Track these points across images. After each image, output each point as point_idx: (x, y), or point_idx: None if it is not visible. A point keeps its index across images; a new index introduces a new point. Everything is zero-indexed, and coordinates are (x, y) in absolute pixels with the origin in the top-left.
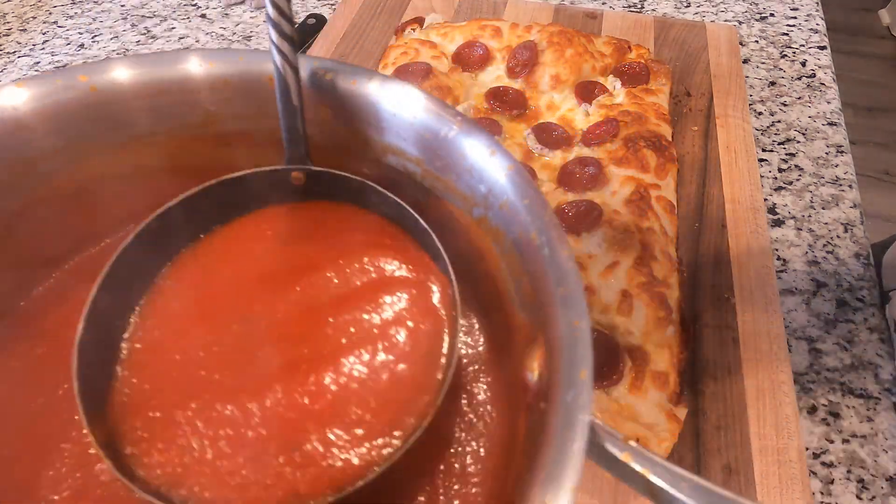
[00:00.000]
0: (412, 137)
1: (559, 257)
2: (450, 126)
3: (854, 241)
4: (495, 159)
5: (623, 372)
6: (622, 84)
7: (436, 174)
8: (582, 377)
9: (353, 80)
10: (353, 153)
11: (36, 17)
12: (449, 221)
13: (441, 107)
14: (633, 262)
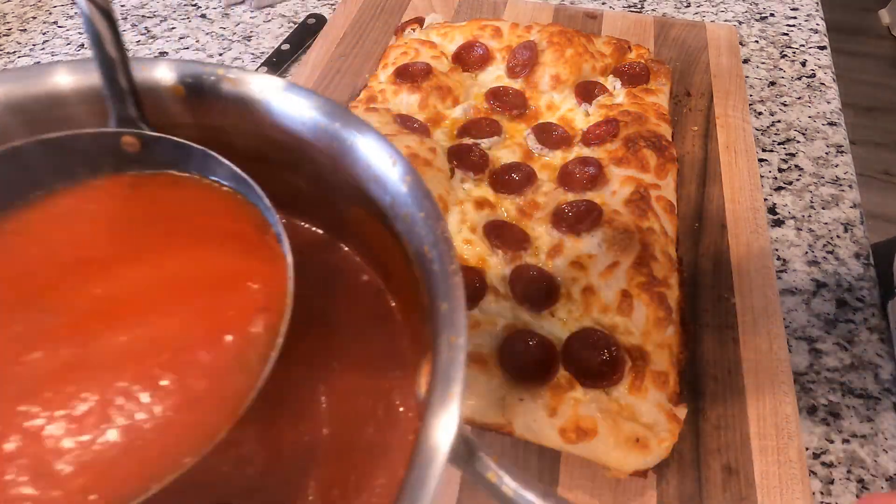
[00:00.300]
0: (320, 145)
1: (446, 272)
2: (350, 133)
3: (854, 241)
4: (397, 169)
5: (623, 372)
6: (622, 84)
7: (346, 181)
8: (450, 398)
9: (243, 81)
10: (276, 160)
11: (36, 17)
12: (370, 230)
13: (339, 112)
14: (633, 262)
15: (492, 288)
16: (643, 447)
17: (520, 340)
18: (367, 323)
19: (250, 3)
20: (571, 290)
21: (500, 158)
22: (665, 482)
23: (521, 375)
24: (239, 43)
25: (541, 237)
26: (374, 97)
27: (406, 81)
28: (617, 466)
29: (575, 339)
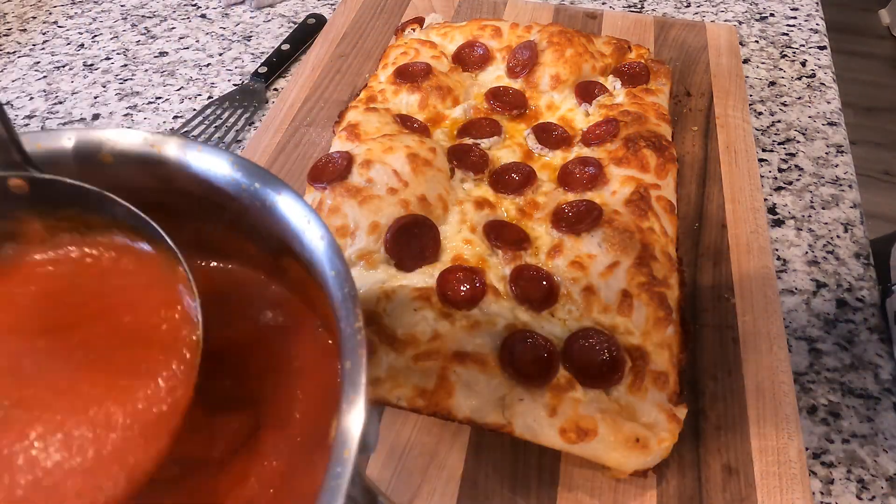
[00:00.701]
0: (243, 202)
1: (351, 331)
2: (268, 192)
3: (854, 241)
4: (312, 227)
5: (623, 372)
6: (622, 84)
7: (273, 234)
8: (346, 455)
9: (159, 145)
10: (202, 213)
11: (36, 17)
12: (302, 278)
13: (256, 171)
14: (633, 262)
15: (492, 288)
16: (643, 447)
17: (520, 340)
18: (315, 360)
19: (250, 3)
20: (571, 290)
21: (500, 158)
22: (665, 482)
23: (521, 375)
24: (239, 43)
25: (541, 237)
26: (374, 97)
27: (406, 81)
28: (617, 466)
29: (575, 339)
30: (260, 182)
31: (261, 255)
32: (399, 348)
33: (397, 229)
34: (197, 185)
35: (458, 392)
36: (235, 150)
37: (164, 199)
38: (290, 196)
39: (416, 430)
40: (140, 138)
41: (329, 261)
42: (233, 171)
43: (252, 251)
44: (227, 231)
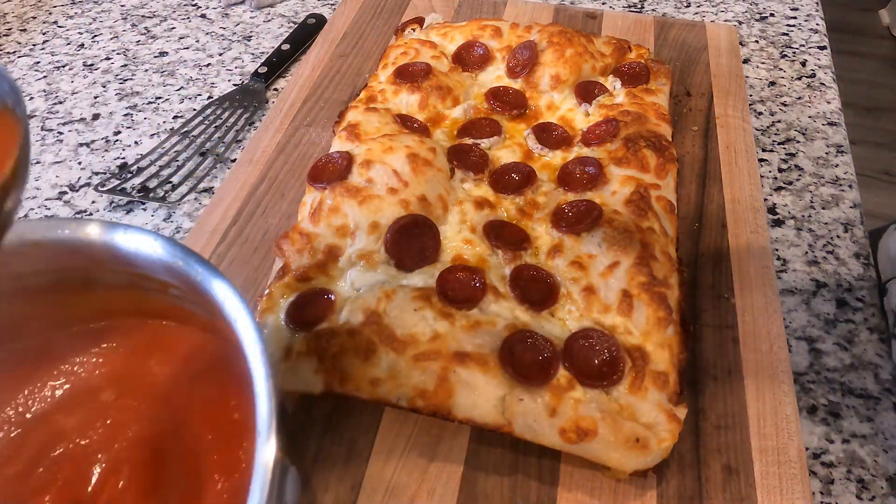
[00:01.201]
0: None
1: (259, 404)
2: (196, 270)
3: (854, 241)
4: (243, 320)
5: (623, 372)
6: (622, 84)
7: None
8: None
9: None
10: (143, 288)
11: (36, 17)
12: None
13: (182, 251)
14: (633, 262)
15: (492, 288)
16: (643, 447)
17: (520, 340)
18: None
19: (250, 3)
20: (571, 290)
21: (500, 158)
22: (665, 482)
23: (521, 375)
24: (239, 43)
25: (541, 237)
26: (374, 97)
27: (406, 81)
28: (617, 466)
29: (575, 339)
30: (193, 267)
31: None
32: (399, 348)
33: (397, 229)
34: (126, 264)
35: (458, 392)
36: (235, 150)
37: (94, 275)
38: (223, 283)
39: (416, 430)
40: (58, 227)
41: (249, 337)
42: (164, 255)
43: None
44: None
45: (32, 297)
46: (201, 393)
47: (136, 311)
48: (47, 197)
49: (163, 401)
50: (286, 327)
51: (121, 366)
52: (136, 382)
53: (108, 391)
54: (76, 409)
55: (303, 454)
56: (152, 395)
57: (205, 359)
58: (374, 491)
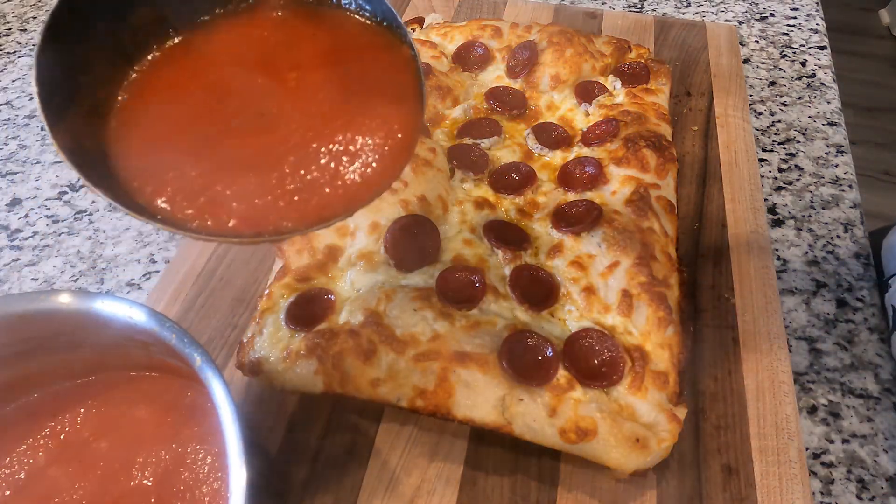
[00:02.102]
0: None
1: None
2: (170, 334)
3: (854, 241)
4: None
5: (623, 372)
6: (622, 84)
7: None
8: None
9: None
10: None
11: (36, 17)
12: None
13: (157, 318)
14: (633, 262)
15: (492, 288)
16: (643, 447)
17: (520, 340)
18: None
19: None
20: (571, 290)
21: (500, 158)
22: (665, 482)
23: (521, 375)
24: None
25: (541, 237)
26: None
27: None
28: (617, 466)
29: (575, 339)
30: (168, 332)
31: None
32: (399, 348)
33: (397, 229)
34: (108, 329)
35: (458, 392)
36: None
37: (79, 337)
38: (197, 351)
39: (416, 430)
40: (37, 300)
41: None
42: (140, 321)
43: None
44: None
45: (21, 362)
46: (185, 439)
47: (121, 366)
48: (47, 197)
49: (150, 448)
50: (286, 327)
51: (109, 417)
52: (123, 432)
53: (98, 442)
54: (69, 462)
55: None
56: (140, 443)
57: (188, 406)
58: (374, 491)
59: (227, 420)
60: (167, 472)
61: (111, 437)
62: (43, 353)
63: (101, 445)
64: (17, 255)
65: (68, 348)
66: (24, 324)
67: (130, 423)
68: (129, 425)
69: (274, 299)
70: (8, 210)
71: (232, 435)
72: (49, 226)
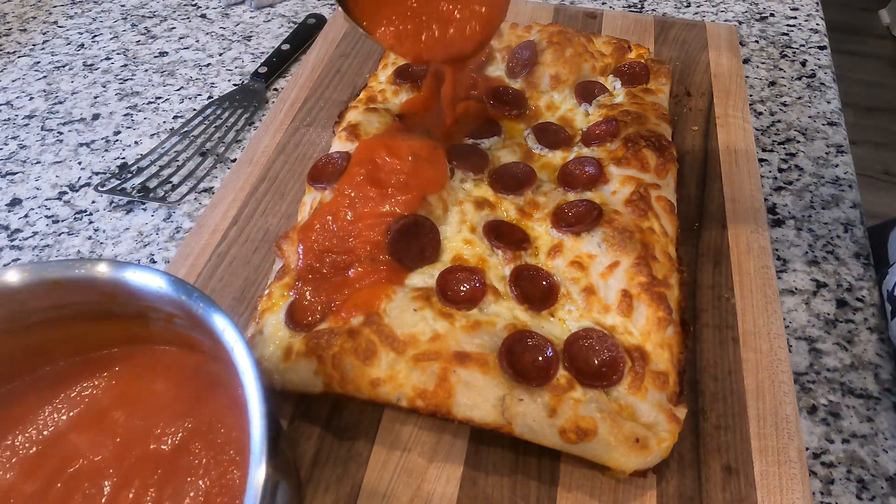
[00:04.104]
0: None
1: (253, 428)
2: (197, 304)
3: (854, 241)
4: (229, 331)
5: (623, 372)
6: (622, 84)
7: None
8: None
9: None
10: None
11: (36, 17)
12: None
13: (185, 287)
14: (633, 262)
15: (492, 288)
16: (643, 447)
17: (520, 340)
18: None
19: (250, 3)
20: (571, 290)
21: (500, 158)
22: (665, 482)
23: (520, 375)
24: (239, 43)
25: (541, 237)
26: (374, 97)
27: (406, 81)
28: (617, 466)
29: (575, 339)
30: (196, 302)
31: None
32: (399, 348)
33: (397, 229)
34: (135, 298)
35: (458, 392)
36: (235, 150)
37: (107, 307)
38: (222, 317)
39: (416, 430)
40: (74, 267)
41: (243, 364)
42: (169, 290)
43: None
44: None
45: (51, 329)
46: (202, 413)
47: (143, 339)
48: (47, 197)
49: (168, 420)
50: (286, 327)
51: (129, 388)
52: (142, 403)
53: (117, 411)
54: (89, 428)
55: (299, 463)
56: (158, 414)
57: (206, 381)
58: (374, 491)
59: (254, 402)
60: (184, 441)
61: (130, 406)
62: (71, 321)
63: (120, 414)
64: (18, 255)
65: (96, 318)
66: (59, 291)
67: (149, 395)
68: (147, 396)
69: (274, 299)
70: (8, 210)
71: (256, 420)
72: (49, 226)
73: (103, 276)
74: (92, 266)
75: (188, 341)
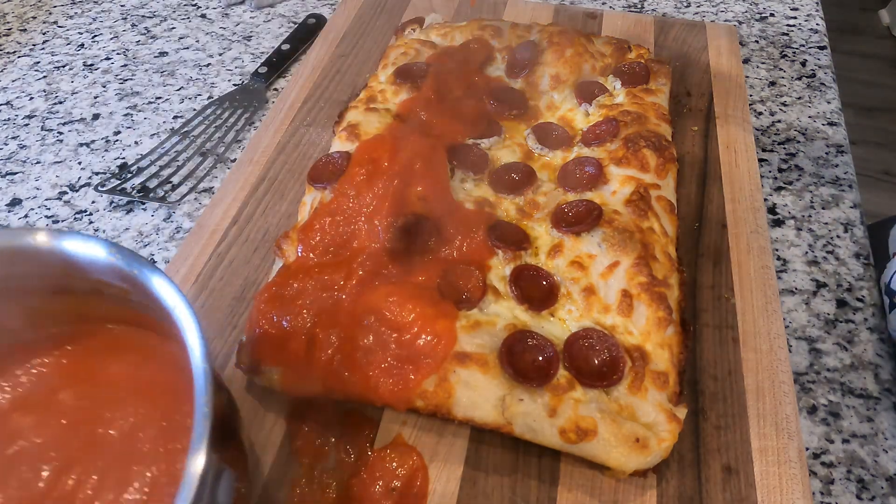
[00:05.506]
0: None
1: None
2: (143, 274)
3: (854, 241)
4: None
5: (623, 372)
6: (622, 84)
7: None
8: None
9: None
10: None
11: (36, 17)
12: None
13: (125, 254)
14: (633, 262)
15: (492, 288)
16: (643, 447)
17: (520, 340)
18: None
19: (250, 3)
20: (571, 290)
21: (500, 158)
22: (665, 482)
23: (520, 375)
24: (239, 43)
25: (541, 237)
26: (374, 97)
27: (406, 81)
28: (617, 466)
29: (575, 339)
30: (137, 267)
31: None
32: None
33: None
34: (84, 273)
35: (458, 392)
36: (235, 150)
37: (58, 282)
38: (163, 280)
39: (416, 430)
40: (14, 236)
41: (185, 325)
42: (109, 257)
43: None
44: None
45: (1, 303)
46: (156, 398)
47: (98, 317)
48: (47, 197)
49: (119, 404)
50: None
51: (81, 368)
52: (94, 385)
53: (66, 392)
54: (34, 409)
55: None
56: (109, 397)
57: (162, 364)
58: None
59: (197, 367)
60: (134, 426)
61: (80, 387)
62: (23, 296)
63: (68, 395)
64: None
65: (48, 293)
66: (4, 260)
67: (101, 376)
68: (99, 378)
69: None
70: (8, 210)
71: (200, 404)
72: (49, 226)
73: (44, 245)
74: (31, 235)
75: (144, 321)
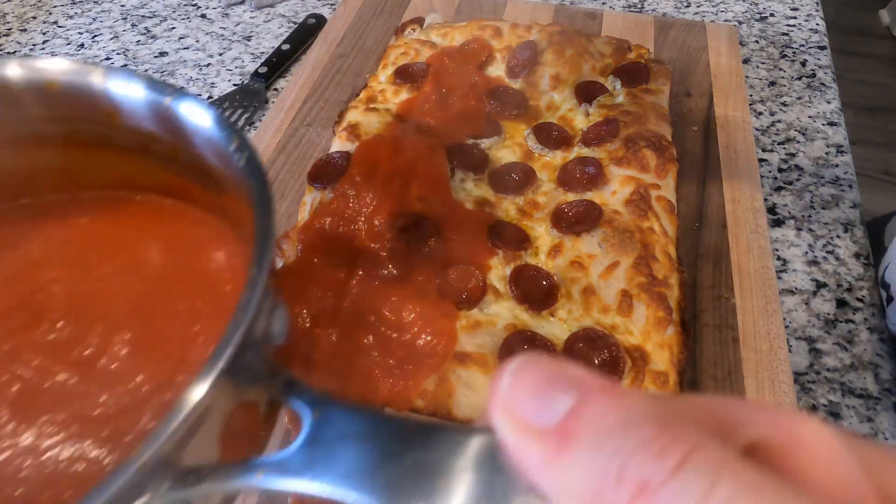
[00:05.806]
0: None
1: (262, 219)
2: (168, 94)
3: (854, 241)
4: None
5: (623, 372)
6: (622, 84)
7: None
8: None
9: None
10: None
11: (36, 17)
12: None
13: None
14: (633, 262)
15: (492, 288)
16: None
17: (520, 340)
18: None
19: (250, 3)
20: (571, 290)
21: (500, 158)
22: None
23: None
24: (239, 43)
25: (541, 237)
26: (374, 97)
27: (406, 81)
28: None
29: (575, 339)
30: (170, 95)
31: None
32: None
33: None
34: (134, 120)
35: (458, 392)
36: None
37: (105, 132)
38: (193, 102)
39: None
40: (69, 68)
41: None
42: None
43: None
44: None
45: (43, 148)
46: (196, 269)
47: (145, 184)
48: None
49: (158, 271)
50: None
51: (121, 236)
52: (133, 253)
53: (97, 252)
54: (65, 264)
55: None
56: (149, 266)
57: (204, 237)
58: None
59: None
60: (168, 294)
61: (118, 257)
62: (66, 145)
63: (96, 257)
64: None
65: (94, 146)
66: (55, 96)
67: (140, 247)
68: (138, 248)
69: None
70: None
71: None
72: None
73: (98, 84)
74: (87, 70)
75: (195, 193)
